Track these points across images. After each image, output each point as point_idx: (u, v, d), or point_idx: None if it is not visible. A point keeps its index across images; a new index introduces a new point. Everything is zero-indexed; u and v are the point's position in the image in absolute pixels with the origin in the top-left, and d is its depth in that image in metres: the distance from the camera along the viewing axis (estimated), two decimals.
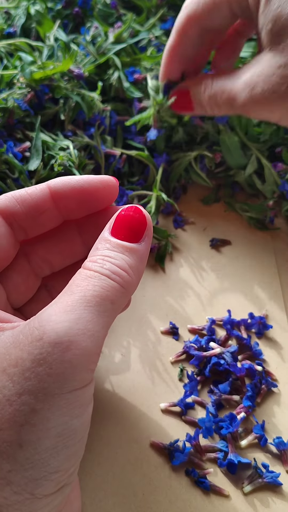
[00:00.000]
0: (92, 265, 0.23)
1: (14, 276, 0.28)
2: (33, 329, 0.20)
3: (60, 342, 0.20)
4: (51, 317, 0.21)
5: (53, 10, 0.57)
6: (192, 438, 0.31)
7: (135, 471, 0.31)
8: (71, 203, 0.27)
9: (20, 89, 0.43)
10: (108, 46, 0.49)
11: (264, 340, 0.38)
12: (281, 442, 0.31)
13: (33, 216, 0.27)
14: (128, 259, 0.24)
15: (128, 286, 0.23)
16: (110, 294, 0.22)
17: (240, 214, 0.46)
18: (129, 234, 0.25)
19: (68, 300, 0.21)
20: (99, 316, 0.21)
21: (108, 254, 0.24)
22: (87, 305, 0.21)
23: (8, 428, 0.19)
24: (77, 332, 0.20)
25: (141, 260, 0.25)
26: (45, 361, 0.20)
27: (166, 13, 0.59)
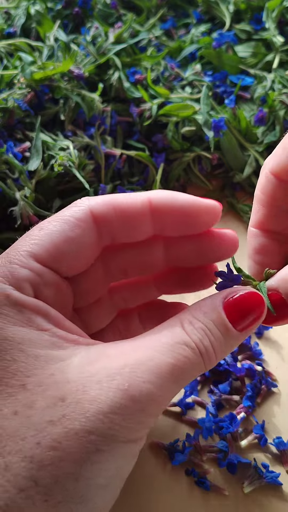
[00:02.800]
0: (192, 332, 0.23)
1: (87, 280, 0.27)
2: (119, 374, 0.21)
3: (140, 402, 0.21)
4: (138, 373, 0.21)
5: (53, 10, 0.57)
6: (192, 438, 0.31)
7: (135, 471, 0.31)
8: (170, 221, 0.26)
9: (20, 89, 0.43)
10: (108, 46, 0.49)
11: (264, 340, 0.38)
12: (281, 442, 0.31)
13: (127, 227, 0.26)
14: (224, 344, 0.23)
15: (207, 367, 0.23)
16: (192, 371, 0.23)
17: (241, 214, 0.46)
18: (239, 319, 0.24)
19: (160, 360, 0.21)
20: (175, 388, 0.22)
21: (211, 329, 0.23)
22: (172, 375, 0.21)
23: (70, 461, 0.19)
24: (155, 398, 0.21)
25: (232, 349, 0.24)
26: (122, 412, 0.20)
27: (166, 13, 0.60)
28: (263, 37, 0.54)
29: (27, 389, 0.20)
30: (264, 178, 0.28)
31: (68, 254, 0.24)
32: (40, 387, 0.20)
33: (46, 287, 0.24)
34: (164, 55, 0.51)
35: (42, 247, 0.24)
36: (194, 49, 0.53)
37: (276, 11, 0.54)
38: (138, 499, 0.29)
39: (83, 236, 0.25)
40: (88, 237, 0.25)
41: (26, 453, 0.19)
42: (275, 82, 0.49)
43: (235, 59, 0.52)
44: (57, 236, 0.24)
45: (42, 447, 0.19)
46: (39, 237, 0.24)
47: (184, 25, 0.59)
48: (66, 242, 0.24)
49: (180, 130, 0.47)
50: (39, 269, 0.24)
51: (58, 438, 0.19)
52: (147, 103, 0.46)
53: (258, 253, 0.28)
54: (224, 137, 0.46)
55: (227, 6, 0.57)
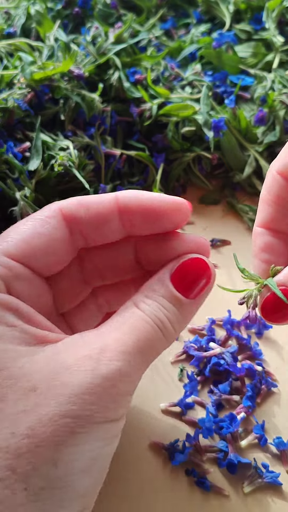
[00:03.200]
0: (146, 309, 0.24)
1: (65, 281, 0.28)
2: (87, 357, 0.21)
3: (111, 379, 0.21)
4: (106, 352, 0.21)
5: (53, 10, 0.57)
6: (192, 438, 0.31)
7: (135, 471, 0.31)
8: (137, 219, 0.26)
9: (20, 89, 0.43)
10: (108, 46, 0.49)
11: (264, 340, 0.38)
12: (281, 442, 0.31)
13: (96, 226, 0.26)
14: (179, 316, 0.24)
15: (169, 339, 0.24)
16: (156, 346, 0.24)
17: (241, 215, 0.46)
18: (188, 287, 0.25)
19: (124, 338, 0.22)
20: (143, 364, 0.23)
21: (163, 303, 0.24)
22: (138, 351, 0.22)
23: (46, 446, 0.19)
24: (125, 375, 0.22)
25: (189, 317, 0.25)
26: (94, 391, 0.21)
27: (166, 13, 0.60)
28: (263, 37, 0.54)
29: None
30: (270, 178, 0.28)
31: (39, 249, 0.25)
32: (10, 381, 0.21)
33: (18, 281, 0.24)
34: (164, 55, 0.51)
35: (12, 244, 0.25)
36: (194, 49, 0.53)
37: (276, 11, 0.54)
38: (138, 499, 0.29)
39: (53, 231, 0.25)
40: (58, 233, 0.26)
41: (1, 444, 0.19)
42: (275, 82, 0.49)
43: (235, 59, 0.52)
44: (27, 233, 0.25)
45: (16, 436, 0.19)
46: (11, 235, 0.25)
47: (184, 25, 0.59)
48: (36, 238, 0.25)
49: (180, 130, 0.47)
50: (8, 263, 0.24)
51: (32, 426, 0.20)
52: (147, 103, 0.46)
53: (264, 252, 0.28)
54: (224, 137, 0.46)
55: (227, 6, 0.57)
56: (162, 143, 0.47)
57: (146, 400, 0.34)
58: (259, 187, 0.47)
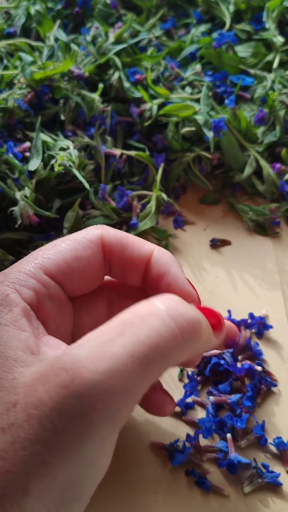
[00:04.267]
0: (161, 301, 0.21)
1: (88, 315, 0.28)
2: (62, 371, 0.18)
3: (87, 398, 0.18)
4: (84, 362, 0.18)
5: (53, 10, 0.57)
6: (192, 438, 0.31)
7: (134, 471, 0.31)
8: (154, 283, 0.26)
9: (20, 89, 0.43)
10: (108, 46, 0.49)
11: (264, 340, 0.38)
12: (281, 442, 0.31)
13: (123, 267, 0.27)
14: (204, 322, 0.23)
15: (189, 338, 0.20)
16: (163, 343, 0.19)
17: (241, 215, 0.46)
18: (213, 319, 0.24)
19: (114, 342, 0.19)
20: (142, 373, 0.18)
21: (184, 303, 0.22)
22: (132, 355, 0.18)
23: (16, 473, 0.18)
24: (109, 389, 0.18)
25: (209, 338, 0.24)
26: (66, 414, 0.18)
27: (166, 13, 0.60)
28: (263, 37, 0.54)
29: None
30: None
31: (77, 272, 0.25)
32: (1, 392, 0.19)
33: (51, 300, 0.24)
34: (164, 55, 0.51)
35: (53, 261, 0.24)
36: (194, 49, 0.53)
37: (276, 11, 0.54)
38: (138, 499, 0.29)
39: (93, 257, 0.26)
40: (96, 259, 0.26)
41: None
42: (275, 82, 0.49)
43: (235, 59, 0.52)
44: (68, 253, 0.25)
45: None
46: (52, 253, 0.25)
47: (184, 25, 0.59)
48: (76, 260, 0.25)
49: (180, 130, 0.47)
50: (46, 281, 0.24)
51: (5, 448, 0.18)
52: (147, 103, 0.46)
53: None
54: (224, 137, 0.46)
55: (227, 6, 0.57)
56: (162, 143, 0.47)
57: None
58: (259, 187, 0.47)
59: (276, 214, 0.45)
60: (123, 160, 0.46)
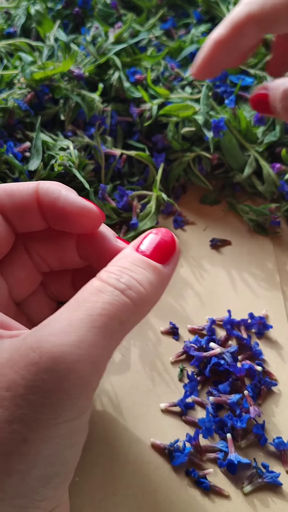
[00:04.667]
0: (107, 276, 0.21)
1: (17, 270, 0.27)
2: (29, 350, 0.19)
3: (57, 370, 0.18)
4: (49, 338, 0.19)
5: (53, 10, 0.57)
6: (192, 438, 0.31)
7: (135, 471, 0.31)
8: (51, 214, 0.26)
9: (20, 89, 0.43)
10: (108, 46, 0.49)
11: (264, 340, 0.38)
12: (281, 442, 0.31)
13: (20, 214, 0.26)
14: (149, 275, 0.22)
15: (142, 305, 0.21)
16: (120, 313, 0.20)
17: (241, 215, 0.46)
18: (156, 254, 0.23)
19: (72, 317, 0.19)
20: (104, 339, 0.19)
21: (129, 266, 0.22)
22: (92, 326, 0.19)
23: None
24: (77, 359, 0.18)
25: (162, 282, 0.23)
26: (40, 389, 0.18)
27: (166, 13, 0.60)
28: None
29: None
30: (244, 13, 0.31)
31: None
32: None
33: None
34: (164, 55, 0.51)
35: None
36: (194, 49, 0.53)
37: None
38: (138, 499, 0.29)
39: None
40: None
41: None
42: None
43: None
44: None
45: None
46: None
47: (184, 25, 0.59)
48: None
49: (180, 131, 0.47)
50: None
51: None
52: (147, 104, 0.46)
53: None
54: (224, 137, 0.46)
55: (227, 6, 0.57)
56: (162, 143, 0.47)
57: (146, 400, 0.34)
58: (259, 187, 0.47)
59: (276, 214, 0.45)
60: (123, 160, 0.46)
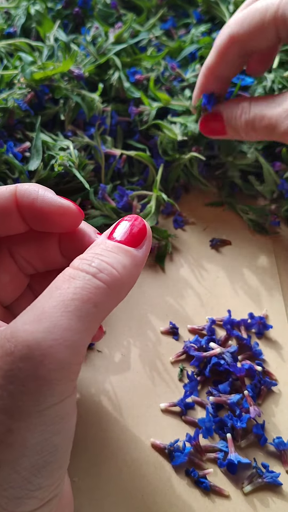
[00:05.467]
0: (78, 263, 0.22)
1: (1, 274, 0.27)
2: (4, 340, 0.19)
3: (32, 357, 0.18)
4: (23, 327, 0.19)
5: (53, 10, 0.57)
6: (192, 438, 0.31)
7: (134, 471, 0.31)
8: (30, 215, 0.25)
9: (20, 89, 0.43)
10: (108, 47, 0.49)
11: (264, 340, 0.38)
12: (281, 442, 0.31)
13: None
14: (122, 259, 0.22)
15: (115, 286, 0.21)
16: (92, 296, 0.20)
17: (241, 215, 0.46)
18: (128, 239, 0.23)
19: (45, 305, 0.20)
20: (78, 322, 0.19)
21: (100, 252, 0.22)
22: (64, 311, 0.19)
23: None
24: (51, 343, 0.18)
25: (136, 265, 0.23)
26: (17, 378, 0.18)
27: (166, 13, 0.60)
28: None
29: None
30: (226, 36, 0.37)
31: None
32: None
33: None
34: (164, 55, 0.51)
35: None
36: (194, 49, 0.53)
37: None
38: (138, 499, 0.29)
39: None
40: None
41: None
42: (275, 82, 0.49)
43: None
44: None
45: None
46: None
47: (184, 25, 0.59)
48: None
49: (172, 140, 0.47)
50: None
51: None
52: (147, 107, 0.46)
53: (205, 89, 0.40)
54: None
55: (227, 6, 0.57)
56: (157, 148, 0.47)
57: (146, 400, 0.34)
58: (259, 187, 0.47)
59: (276, 214, 0.45)
60: (123, 160, 0.46)
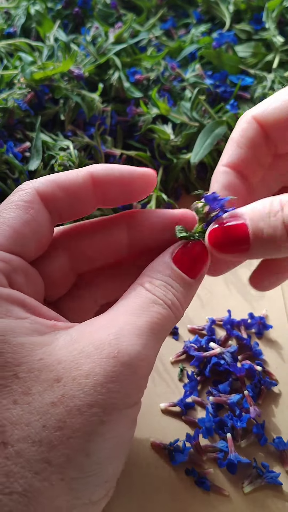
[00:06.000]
0: (155, 290, 0.24)
1: (54, 271, 0.28)
2: (106, 344, 0.22)
3: (132, 365, 0.21)
4: (123, 338, 0.22)
5: (53, 10, 0.57)
6: (192, 438, 0.31)
7: (135, 471, 0.31)
8: (111, 192, 0.27)
9: (20, 89, 0.43)
10: (108, 46, 0.49)
11: (264, 340, 0.38)
12: (281, 442, 0.31)
13: (72, 203, 0.27)
14: (185, 294, 0.25)
15: (178, 319, 0.25)
16: (166, 325, 0.24)
17: None
18: (189, 267, 0.26)
19: (138, 322, 0.23)
20: (157, 344, 0.23)
21: (171, 283, 0.25)
22: (152, 333, 0.23)
23: (78, 437, 0.20)
24: (143, 358, 0.22)
25: (192, 296, 0.26)
26: (117, 379, 0.21)
27: (166, 13, 0.60)
28: (263, 37, 0.54)
29: (20, 378, 0.21)
30: (245, 123, 0.29)
31: (29, 237, 0.25)
32: (32, 373, 0.21)
33: (17, 274, 0.24)
34: (164, 55, 0.51)
35: (3, 235, 0.24)
36: (194, 49, 0.53)
37: (276, 11, 0.54)
38: (138, 499, 0.29)
39: (38, 216, 0.25)
40: (42, 217, 0.26)
41: (34, 438, 0.20)
42: (275, 82, 0.49)
43: (235, 59, 0.52)
44: (14, 221, 0.25)
45: (48, 429, 0.20)
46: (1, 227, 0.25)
47: (184, 25, 0.60)
48: (26, 226, 0.25)
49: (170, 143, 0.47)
50: (6, 257, 0.24)
51: (63, 418, 0.20)
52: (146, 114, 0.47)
53: (226, 190, 0.29)
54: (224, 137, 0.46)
55: (227, 6, 0.57)
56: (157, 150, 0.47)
57: (146, 400, 0.34)
58: None
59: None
60: (123, 160, 0.46)
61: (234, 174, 0.29)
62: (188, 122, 0.47)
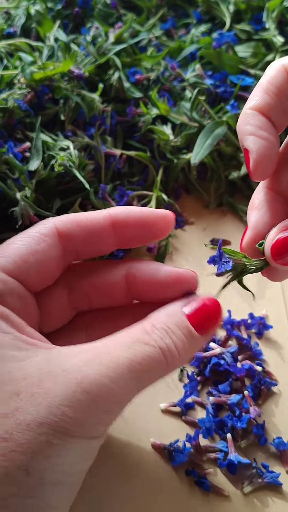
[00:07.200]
0: (153, 332, 0.24)
1: (52, 301, 0.28)
2: (72, 368, 0.21)
3: (91, 394, 0.21)
4: (93, 366, 0.21)
5: (53, 10, 0.57)
6: (192, 438, 0.31)
7: (134, 471, 0.31)
8: (130, 232, 0.28)
9: (20, 89, 0.43)
10: (108, 46, 0.49)
11: (264, 340, 0.38)
12: (281, 442, 0.31)
13: (90, 242, 0.28)
14: (187, 345, 0.24)
15: (171, 367, 0.24)
16: (152, 369, 0.23)
17: (240, 215, 0.46)
18: (200, 324, 0.25)
19: (117, 355, 0.22)
20: (136, 385, 0.22)
21: (174, 330, 0.24)
22: (129, 370, 0.22)
23: (20, 452, 0.19)
24: (109, 392, 0.21)
25: (194, 351, 0.26)
26: (73, 404, 0.20)
27: (166, 13, 0.60)
28: (263, 37, 0.54)
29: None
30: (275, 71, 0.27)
31: (34, 266, 0.26)
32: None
33: (12, 296, 0.25)
34: (164, 55, 0.51)
35: (9, 259, 0.26)
36: (194, 49, 0.53)
37: (276, 11, 0.54)
38: (138, 499, 0.29)
39: (48, 249, 0.27)
40: (53, 251, 0.27)
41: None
42: None
43: (235, 59, 0.52)
44: (23, 249, 0.26)
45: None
46: (7, 251, 0.26)
47: (184, 25, 0.59)
48: (32, 255, 0.26)
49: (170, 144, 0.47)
50: (3, 278, 0.25)
51: (10, 430, 0.20)
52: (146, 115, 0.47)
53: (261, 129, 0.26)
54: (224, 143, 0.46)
55: (227, 6, 0.57)
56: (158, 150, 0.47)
57: (146, 400, 0.34)
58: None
59: None
60: (123, 160, 0.46)
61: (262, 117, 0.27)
62: (188, 122, 0.47)
